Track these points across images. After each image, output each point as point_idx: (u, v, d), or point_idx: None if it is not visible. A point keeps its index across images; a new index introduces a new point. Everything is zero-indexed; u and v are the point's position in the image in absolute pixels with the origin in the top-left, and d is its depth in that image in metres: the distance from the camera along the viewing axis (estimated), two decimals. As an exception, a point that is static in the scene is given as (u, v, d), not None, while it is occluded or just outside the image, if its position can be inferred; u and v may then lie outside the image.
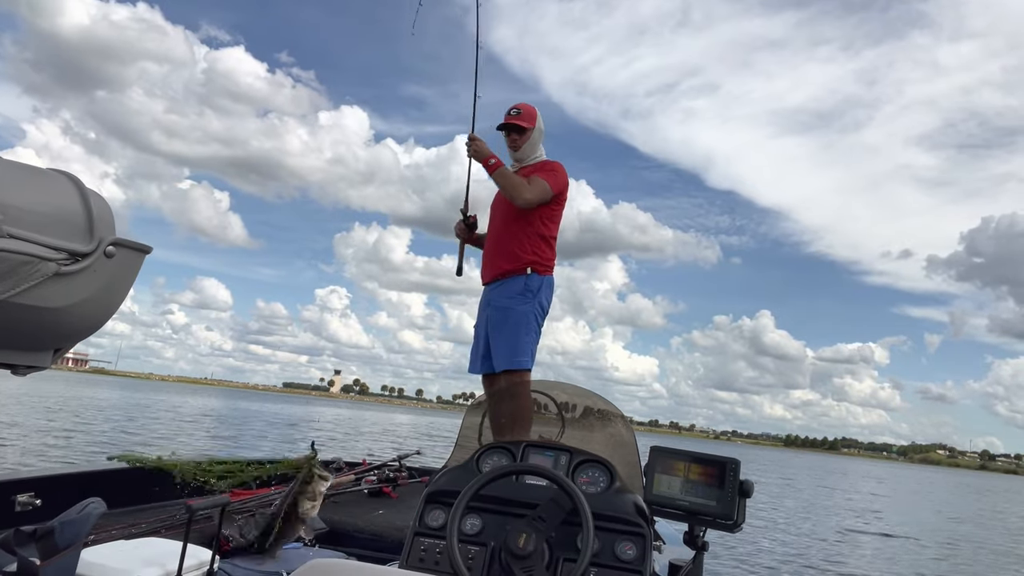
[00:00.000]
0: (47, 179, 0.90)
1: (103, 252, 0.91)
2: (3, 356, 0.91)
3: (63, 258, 0.86)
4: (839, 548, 12.26)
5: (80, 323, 0.94)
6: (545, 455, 1.80)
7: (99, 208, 0.92)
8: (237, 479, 3.58)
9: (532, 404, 2.41)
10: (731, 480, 1.66)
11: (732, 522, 1.66)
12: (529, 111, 3.64)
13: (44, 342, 0.94)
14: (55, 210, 0.87)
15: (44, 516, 1.63)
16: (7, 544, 1.36)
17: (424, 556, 1.61)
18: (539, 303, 3.49)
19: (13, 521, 1.90)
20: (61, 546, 1.39)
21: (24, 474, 2.70)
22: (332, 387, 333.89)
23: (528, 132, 3.60)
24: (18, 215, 0.81)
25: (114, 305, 0.98)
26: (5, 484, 2.53)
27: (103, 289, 0.93)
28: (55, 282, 0.86)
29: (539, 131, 3.65)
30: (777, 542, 11.83)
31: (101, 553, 2.04)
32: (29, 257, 0.82)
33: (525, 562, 1.46)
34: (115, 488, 2.93)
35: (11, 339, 0.89)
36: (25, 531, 1.37)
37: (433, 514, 1.67)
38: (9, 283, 0.81)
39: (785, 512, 16.67)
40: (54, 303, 0.87)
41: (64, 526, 1.40)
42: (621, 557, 1.56)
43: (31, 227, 0.83)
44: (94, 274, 0.91)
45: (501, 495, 1.63)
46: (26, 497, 2.52)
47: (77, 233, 0.89)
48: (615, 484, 1.72)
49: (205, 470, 3.48)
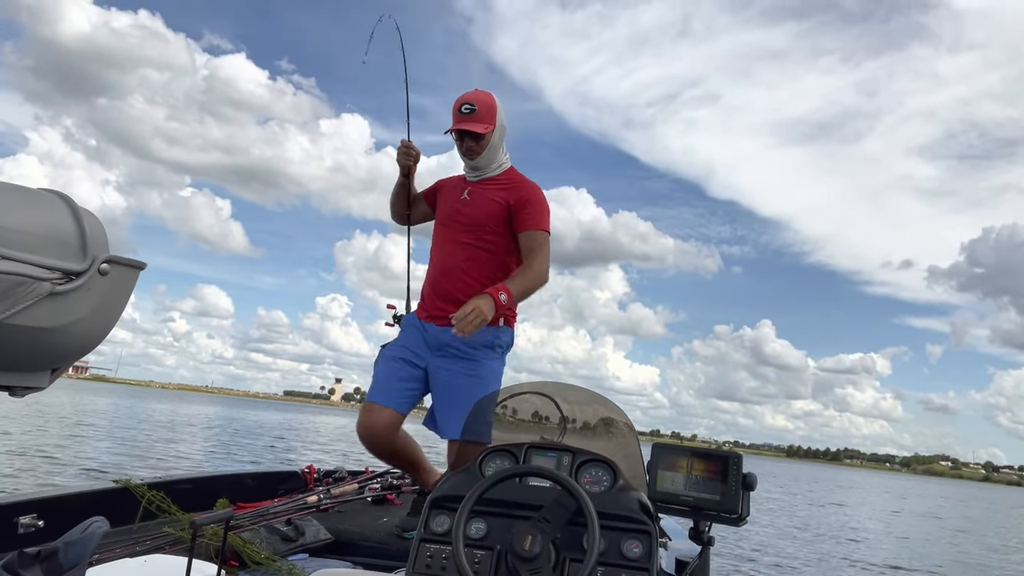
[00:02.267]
0: (39, 199, 0.90)
1: (97, 270, 0.91)
2: (0, 378, 0.90)
3: (57, 277, 0.86)
4: (847, 548, 12.28)
5: (76, 342, 0.94)
6: (547, 456, 1.80)
7: (91, 226, 0.92)
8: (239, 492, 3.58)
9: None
10: (734, 474, 1.66)
11: (737, 515, 1.66)
12: (486, 105, 2.72)
13: (41, 362, 0.94)
14: (48, 230, 0.87)
15: (47, 537, 1.63)
16: (11, 567, 1.35)
17: (431, 562, 1.60)
18: (504, 363, 2.74)
19: (16, 543, 1.89)
20: (65, 567, 1.39)
21: (26, 496, 2.69)
22: (333, 395, 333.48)
23: (487, 136, 2.72)
24: (10, 236, 0.81)
25: (110, 323, 0.98)
26: (7, 506, 2.52)
27: (98, 307, 0.93)
28: (50, 302, 0.86)
29: (500, 130, 2.76)
30: (787, 540, 11.84)
31: (106, 572, 2.03)
32: (23, 278, 0.82)
33: (532, 564, 1.45)
34: (118, 506, 2.92)
35: (7, 361, 0.89)
36: (29, 553, 1.36)
37: (438, 520, 1.67)
38: (4, 304, 0.81)
39: (795, 518, 16.66)
40: (49, 323, 0.87)
41: (68, 547, 1.40)
42: (628, 555, 1.55)
43: (24, 248, 0.83)
44: (88, 292, 0.91)
45: (505, 498, 1.63)
46: (29, 519, 2.51)
47: (70, 252, 0.89)
48: (619, 482, 1.72)
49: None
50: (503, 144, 2.80)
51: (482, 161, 2.76)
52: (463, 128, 2.71)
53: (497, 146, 2.76)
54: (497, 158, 2.79)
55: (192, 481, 3.50)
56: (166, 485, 3.22)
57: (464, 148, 2.76)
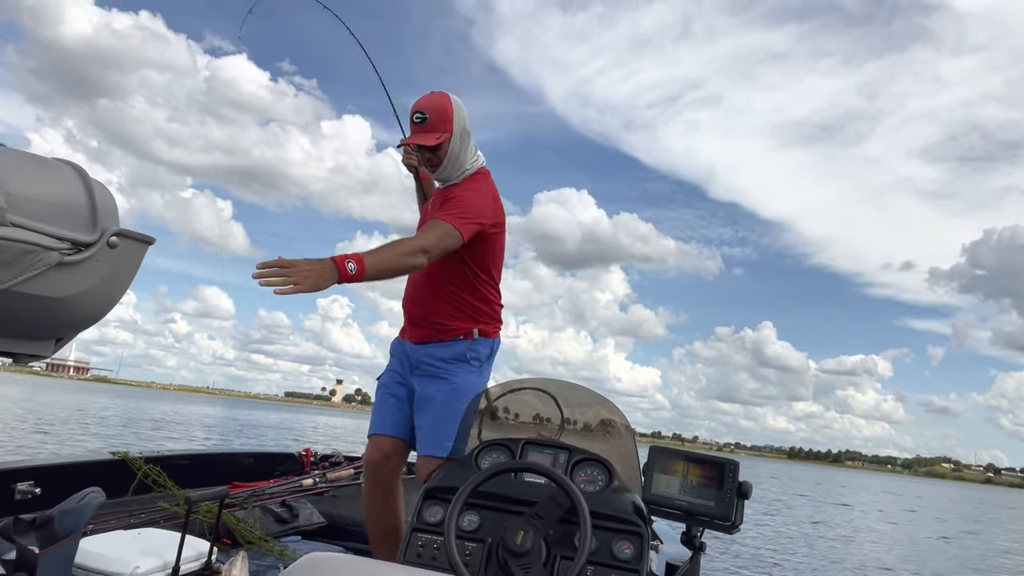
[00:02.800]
0: (52, 168, 0.90)
1: (106, 242, 0.91)
2: (5, 344, 0.91)
3: (66, 247, 0.87)
4: (844, 550, 12.25)
5: (82, 313, 0.95)
6: (544, 453, 1.80)
7: (103, 198, 0.92)
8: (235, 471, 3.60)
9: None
10: (730, 481, 1.66)
11: (730, 523, 1.66)
12: (438, 111, 2.43)
13: (46, 331, 0.95)
14: (59, 200, 0.87)
15: (44, 505, 1.64)
16: (6, 532, 1.37)
17: (422, 552, 1.61)
18: (489, 372, 2.55)
19: (13, 509, 1.90)
20: (60, 535, 1.40)
21: (24, 462, 2.71)
22: (334, 396, 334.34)
23: (444, 145, 2.44)
24: (22, 204, 0.82)
25: (116, 295, 0.99)
26: (5, 472, 2.53)
27: (105, 279, 0.94)
28: (58, 271, 0.86)
29: (461, 134, 2.46)
30: (778, 547, 11.82)
31: (100, 543, 2.04)
32: (32, 246, 0.83)
33: (522, 559, 1.46)
34: (114, 479, 2.94)
35: (13, 328, 0.89)
36: (24, 519, 1.37)
37: (431, 510, 1.67)
38: (12, 271, 0.81)
39: (794, 521, 16.60)
40: (57, 292, 0.88)
41: (63, 515, 1.41)
42: (618, 556, 1.56)
43: (35, 216, 0.83)
44: (97, 264, 0.91)
45: (499, 492, 1.63)
46: (26, 485, 2.53)
47: (80, 223, 0.89)
48: (613, 483, 1.72)
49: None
50: (469, 146, 2.51)
51: (444, 172, 2.50)
52: (411, 143, 2.51)
53: (459, 152, 2.47)
54: (461, 164, 2.49)
55: (189, 457, 3.52)
56: (163, 460, 3.23)
57: (424, 160, 2.54)
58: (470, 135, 2.50)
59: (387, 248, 2.19)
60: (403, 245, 2.20)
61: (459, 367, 2.47)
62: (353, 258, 2.02)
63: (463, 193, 2.42)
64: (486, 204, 2.43)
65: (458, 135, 2.44)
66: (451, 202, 2.38)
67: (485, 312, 2.52)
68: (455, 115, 2.44)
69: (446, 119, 2.42)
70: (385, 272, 2.16)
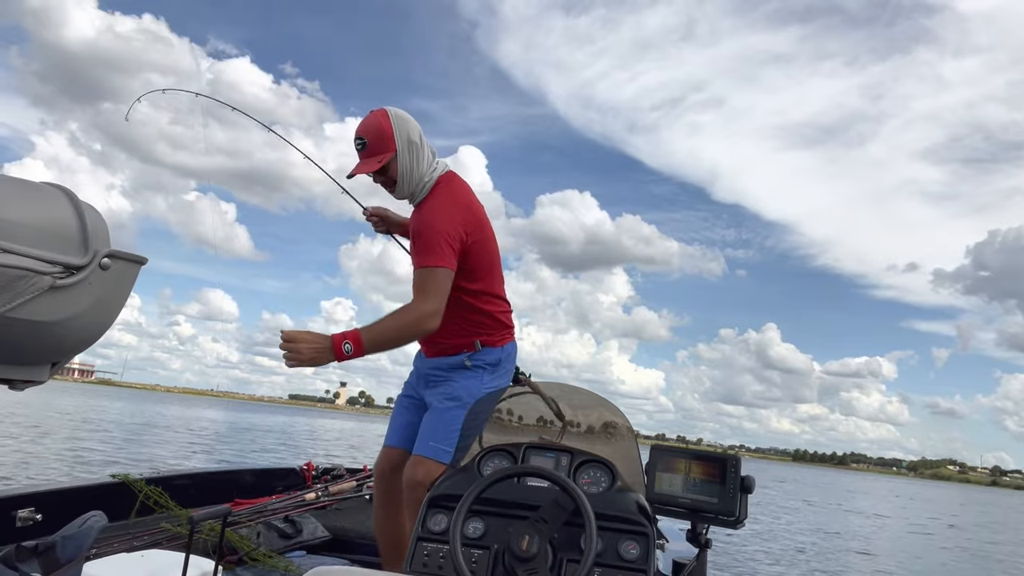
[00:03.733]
0: (41, 193, 0.90)
1: (98, 264, 0.91)
2: (0, 371, 0.91)
3: (58, 271, 0.86)
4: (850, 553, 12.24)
5: (76, 336, 0.94)
6: (546, 456, 1.80)
7: (93, 221, 0.92)
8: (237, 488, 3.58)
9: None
10: (732, 476, 1.66)
11: (735, 518, 1.66)
12: (375, 131, 2.32)
13: (41, 356, 0.94)
14: (49, 224, 0.87)
15: (45, 531, 1.63)
16: (9, 560, 1.36)
17: (427, 561, 1.60)
18: (499, 379, 2.48)
19: (14, 537, 1.89)
20: (63, 560, 1.39)
21: (24, 489, 2.69)
22: (338, 399, 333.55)
23: (390, 165, 2.33)
24: (12, 229, 0.82)
25: (110, 317, 0.98)
26: (5, 500, 2.52)
27: (99, 301, 0.93)
28: (50, 295, 0.86)
29: (408, 147, 2.33)
30: (787, 545, 11.82)
31: (103, 566, 2.03)
32: (24, 271, 0.82)
33: (529, 564, 1.46)
34: (116, 501, 2.93)
35: (7, 354, 0.89)
36: (27, 546, 1.37)
37: (435, 518, 1.67)
38: (4, 298, 0.81)
39: (800, 521, 16.59)
40: (50, 317, 0.87)
41: (65, 540, 1.40)
42: (625, 556, 1.56)
43: (25, 241, 0.83)
44: (89, 287, 0.91)
45: (503, 498, 1.63)
46: (27, 512, 2.52)
47: (72, 246, 0.89)
48: (617, 484, 1.72)
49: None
50: (423, 157, 2.37)
51: (404, 190, 2.38)
52: (354, 174, 2.40)
53: (411, 166, 2.34)
54: (420, 178, 2.37)
55: (190, 477, 3.50)
56: (164, 480, 3.22)
57: (381, 183, 2.42)
58: (420, 145, 2.37)
59: (389, 320, 2.23)
60: (401, 317, 2.23)
61: (458, 373, 2.47)
62: (350, 338, 2.12)
63: (428, 219, 2.33)
64: (454, 220, 2.31)
65: (404, 150, 2.33)
66: (419, 240, 2.31)
67: (487, 324, 2.48)
68: (395, 131, 2.32)
69: (385, 138, 2.31)
70: (390, 345, 2.22)
